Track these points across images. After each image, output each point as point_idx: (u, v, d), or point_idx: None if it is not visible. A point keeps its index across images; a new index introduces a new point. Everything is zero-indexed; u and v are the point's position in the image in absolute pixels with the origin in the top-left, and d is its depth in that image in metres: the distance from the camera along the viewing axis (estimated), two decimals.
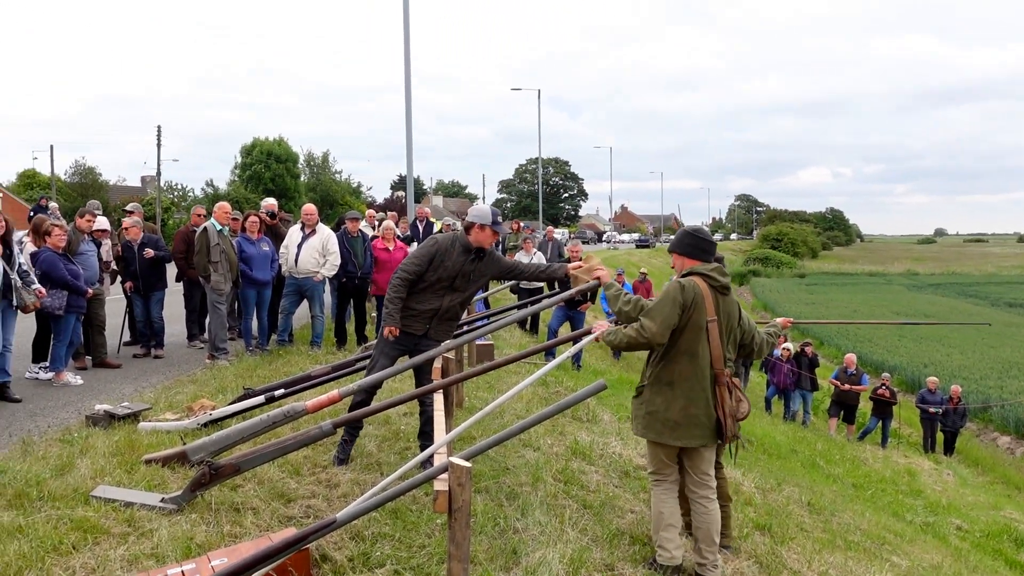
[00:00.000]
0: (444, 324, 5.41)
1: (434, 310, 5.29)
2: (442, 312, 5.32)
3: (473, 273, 5.32)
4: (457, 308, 5.41)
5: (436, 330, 5.37)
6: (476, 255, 5.30)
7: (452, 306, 5.35)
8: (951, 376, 21.63)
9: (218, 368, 8.47)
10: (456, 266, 5.24)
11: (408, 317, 5.30)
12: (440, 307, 5.30)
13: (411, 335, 5.34)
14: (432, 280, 5.25)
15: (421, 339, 5.35)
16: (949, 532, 9.38)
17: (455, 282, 5.28)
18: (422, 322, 5.31)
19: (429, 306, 5.28)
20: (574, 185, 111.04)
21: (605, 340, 4.51)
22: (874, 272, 76.16)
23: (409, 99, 18.33)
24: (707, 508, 4.40)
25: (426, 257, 5.24)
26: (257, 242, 9.65)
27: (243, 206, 35.45)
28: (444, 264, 5.23)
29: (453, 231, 5.56)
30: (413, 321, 5.31)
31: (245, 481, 4.70)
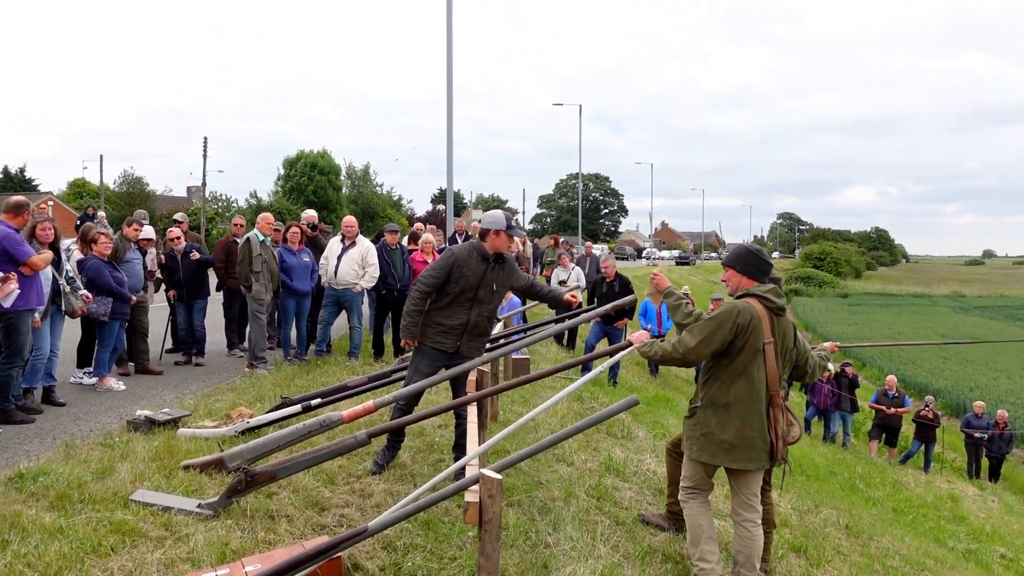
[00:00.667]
0: (475, 341, 5.39)
1: (463, 325, 5.29)
2: (471, 327, 5.31)
3: (496, 282, 5.30)
4: (485, 323, 5.38)
5: (467, 347, 5.36)
6: (495, 262, 5.30)
7: (480, 320, 5.34)
8: (998, 401, 21.14)
9: (257, 377, 8.58)
10: (477, 276, 5.24)
11: (439, 334, 5.30)
12: (468, 321, 5.29)
13: (443, 352, 5.34)
14: (456, 292, 5.25)
15: (453, 356, 5.36)
16: (992, 560, 9.14)
17: (478, 293, 5.26)
18: (453, 338, 5.31)
19: (458, 321, 5.28)
20: (614, 201, 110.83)
21: (640, 351, 4.49)
22: (919, 293, 74.71)
23: (450, 113, 18.48)
24: (751, 533, 4.33)
25: (444, 268, 5.25)
26: (298, 253, 9.78)
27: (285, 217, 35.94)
28: (464, 274, 5.23)
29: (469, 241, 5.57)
30: (444, 337, 5.31)
31: (280, 489, 4.76)
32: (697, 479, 4.42)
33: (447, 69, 18.37)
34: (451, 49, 18.38)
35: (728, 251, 4.63)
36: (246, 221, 11.20)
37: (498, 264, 5.32)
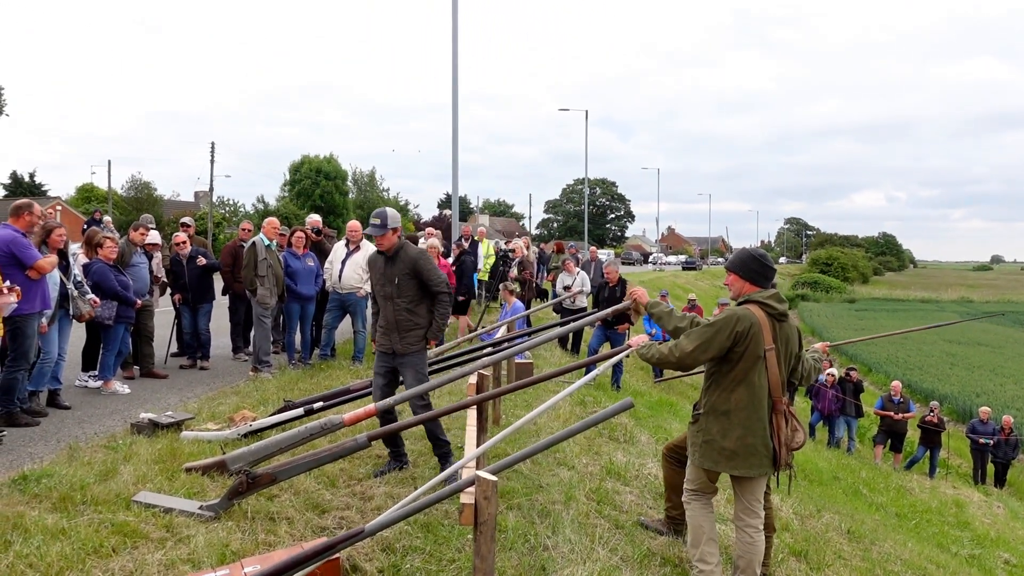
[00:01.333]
0: (407, 336, 5.51)
1: (386, 323, 5.54)
2: (393, 323, 5.50)
3: (398, 275, 5.49)
4: (406, 316, 5.51)
5: (402, 344, 5.50)
6: (390, 257, 5.52)
7: (399, 315, 5.50)
8: (1003, 406, 21.04)
9: (260, 380, 8.63)
10: (379, 272, 5.58)
11: (379, 336, 5.63)
12: (389, 317, 5.52)
13: (384, 353, 5.58)
14: (375, 292, 5.70)
15: (393, 355, 5.54)
16: (996, 566, 9.12)
17: (386, 288, 5.53)
18: (386, 337, 5.55)
19: (384, 320, 5.57)
20: (620, 206, 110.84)
21: (638, 353, 4.50)
22: (927, 299, 74.42)
23: (456, 119, 18.55)
24: (753, 538, 4.34)
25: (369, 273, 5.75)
26: (302, 257, 9.83)
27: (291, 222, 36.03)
28: (373, 274, 5.71)
29: None
30: (381, 338, 5.60)
31: (281, 491, 4.79)
32: (700, 483, 4.43)
33: (452, 75, 18.44)
34: (456, 56, 18.46)
35: (732, 255, 4.63)
36: (253, 226, 11.26)
37: (397, 256, 5.51)
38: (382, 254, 5.57)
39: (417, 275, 5.49)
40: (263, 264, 9.07)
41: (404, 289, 5.48)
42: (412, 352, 5.50)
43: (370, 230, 5.52)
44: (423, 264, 5.51)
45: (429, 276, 5.51)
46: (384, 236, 5.45)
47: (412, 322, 5.49)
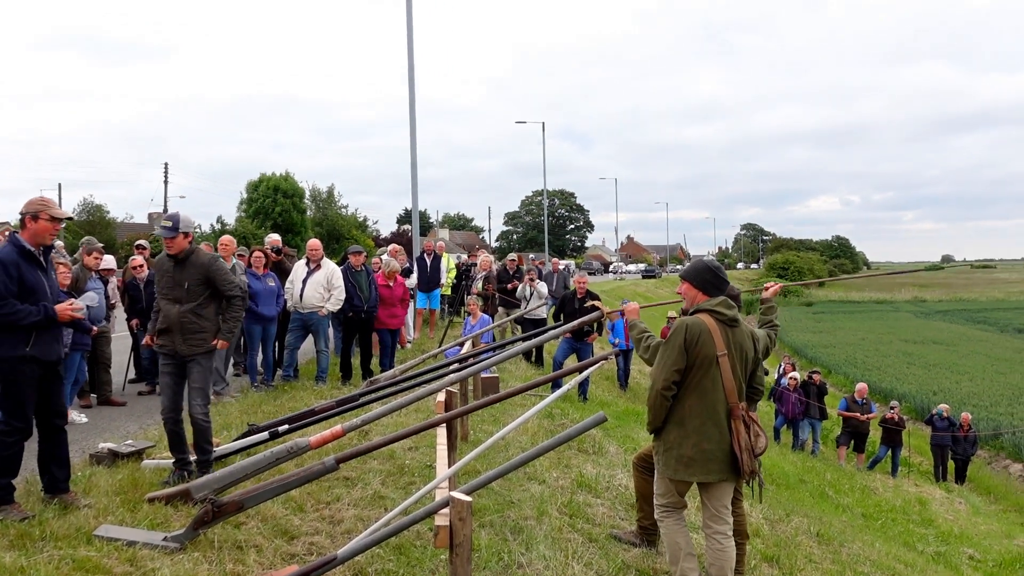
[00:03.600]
0: (190, 338, 5.60)
1: (170, 324, 5.59)
2: (177, 325, 5.57)
3: (188, 281, 5.60)
4: (192, 318, 5.60)
5: (184, 346, 5.59)
6: (179, 261, 5.63)
7: (186, 317, 5.58)
8: (961, 403, 21.50)
9: (223, 404, 8.47)
10: (167, 275, 5.66)
11: (161, 336, 5.67)
12: (173, 319, 5.58)
13: (166, 355, 5.66)
14: (159, 296, 5.74)
15: (175, 356, 5.63)
16: (961, 562, 9.27)
17: (174, 292, 5.61)
18: (168, 338, 5.61)
19: (167, 322, 5.61)
20: (580, 216, 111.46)
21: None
22: (881, 300, 75.84)
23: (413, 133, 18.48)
24: (722, 545, 4.36)
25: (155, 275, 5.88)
26: (262, 277, 9.70)
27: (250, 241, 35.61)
28: (159, 277, 5.77)
29: None
30: (163, 339, 5.65)
31: (248, 518, 4.69)
32: (669, 496, 4.44)
33: (409, 93, 18.39)
34: (412, 71, 18.41)
35: (687, 265, 4.69)
36: (211, 247, 11.08)
37: (187, 261, 5.62)
38: (172, 258, 5.64)
39: (210, 281, 5.67)
40: None
41: (194, 294, 5.63)
42: (197, 354, 5.64)
43: (160, 232, 5.64)
44: (216, 269, 5.71)
45: (222, 281, 5.72)
46: (175, 240, 5.58)
47: (197, 325, 5.63)
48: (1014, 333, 45.30)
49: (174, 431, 5.59)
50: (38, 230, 4.85)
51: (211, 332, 5.71)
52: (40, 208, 4.87)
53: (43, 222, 4.86)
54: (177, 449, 5.62)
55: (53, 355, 4.94)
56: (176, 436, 5.59)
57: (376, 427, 7.02)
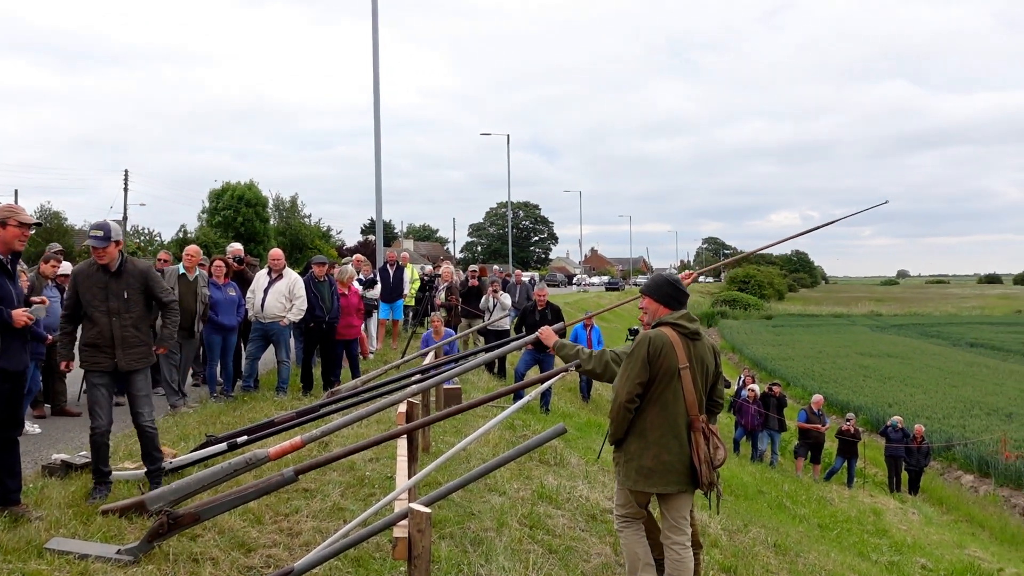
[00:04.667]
0: (131, 351, 5.46)
1: (110, 339, 5.39)
2: (119, 340, 5.40)
3: (127, 291, 5.44)
4: (133, 332, 5.49)
5: (125, 361, 5.44)
6: (115, 272, 5.44)
7: (126, 331, 5.43)
8: (915, 415, 21.91)
9: (180, 415, 8.36)
10: (100, 287, 5.39)
11: (94, 353, 5.40)
12: (113, 334, 5.39)
13: (102, 372, 5.42)
14: (90, 309, 5.40)
15: (115, 373, 5.46)
16: (914, 571, 9.44)
17: (110, 303, 5.40)
18: (107, 354, 5.40)
19: (103, 337, 5.38)
20: (544, 229, 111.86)
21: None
22: (839, 313, 77.10)
23: (378, 143, 18.47)
24: (680, 555, 4.41)
25: (71, 290, 5.46)
26: (223, 287, 9.60)
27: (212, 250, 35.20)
28: (87, 287, 5.40)
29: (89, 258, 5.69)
30: (99, 355, 5.40)
31: (205, 531, 4.64)
32: (629, 507, 4.49)
33: (374, 102, 18.39)
34: (378, 83, 18.42)
35: (648, 280, 4.77)
36: (171, 255, 10.96)
37: (122, 270, 5.46)
38: (103, 268, 5.42)
39: (148, 289, 5.55)
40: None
41: (133, 304, 5.48)
42: (139, 368, 5.52)
43: (91, 242, 5.41)
44: (153, 277, 5.63)
45: (160, 289, 5.65)
46: (107, 249, 5.38)
47: (139, 337, 5.50)
48: (966, 347, 46.31)
49: (106, 445, 5.45)
50: (6, 237, 4.77)
51: (151, 343, 5.64)
52: (8, 215, 4.79)
53: (12, 228, 4.77)
54: (105, 464, 5.48)
55: (20, 365, 4.86)
56: (106, 450, 5.43)
57: (336, 438, 6.98)
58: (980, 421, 23.20)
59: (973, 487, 19.71)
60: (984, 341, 48.20)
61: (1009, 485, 19.07)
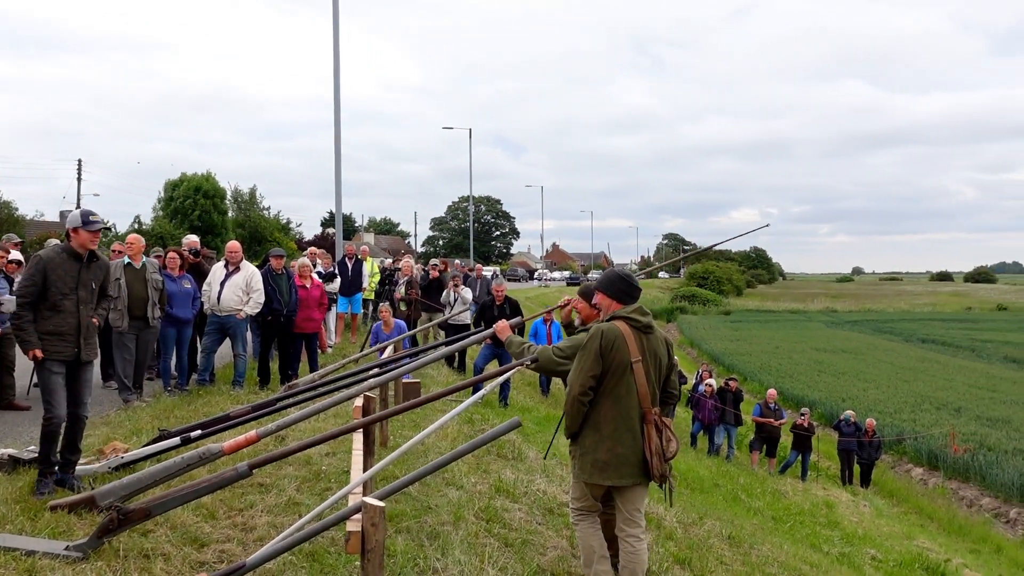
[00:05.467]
0: (90, 342, 5.50)
1: (75, 328, 5.36)
2: (82, 328, 5.39)
3: (93, 280, 5.48)
4: (92, 322, 5.51)
5: (86, 351, 5.46)
6: (88, 260, 5.43)
7: (89, 320, 5.46)
8: (867, 410, 22.31)
9: (133, 409, 8.23)
10: (71, 275, 5.35)
11: (56, 342, 5.32)
12: (78, 322, 5.37)
13: (63, 361, 5.35)
14: (57, 297, 5.30)
15: (75, 362, 5.44)
16: (864, 562, 9.63)
17: (80, 293, 5.37)
18: (70, 343, 5.36)
19: (69, 325, 5.33)
20: (506, 223, 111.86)
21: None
22: (795, 310, 78.27)
23: (338, 136, 18.32)
24: (635, 548, 4.46)
25: (36, 274, 5.31)
26: (179, 279, 9.46)
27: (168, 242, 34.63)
28: (59, 275, 5.30)
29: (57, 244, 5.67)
30: (61, 344, 5.32)
31: (156, 526, 4.57)
32: (584, 500, 4.53)
33: (334, 93, 18.23)
34: (338, 74, 18.26)
35: (601, 276, 4.82)
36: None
37: (92, 262, 5.46)
38: (75, 256, 5.34)
39: (104, 282, 5.65)
40: (114, 285, 8.59)
41: (95, 294, 5.54)
42: (92, 359, 5.58)
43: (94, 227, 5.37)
44: (110, 271, 5.74)
45: (109, 283, 5.79)
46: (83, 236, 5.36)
47: (95, 327, 5.56)
48: (918, 343, 47.34)
49: (58, 435, 5.36)
50: None
51: None
52: None
53: None
54: (55, 455, 5.38)
55: None
56: (56, 439, 5.34)
57: (293, 432, 6.92)
58: (930, 415, 23.72)
59: (923, 480, 20.17)
60: (935, 337, 49.34)
61: (957, 478, 19.53)
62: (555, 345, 4.88)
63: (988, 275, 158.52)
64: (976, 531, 15.67)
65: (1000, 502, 17.82)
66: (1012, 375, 33.19)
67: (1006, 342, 45.54)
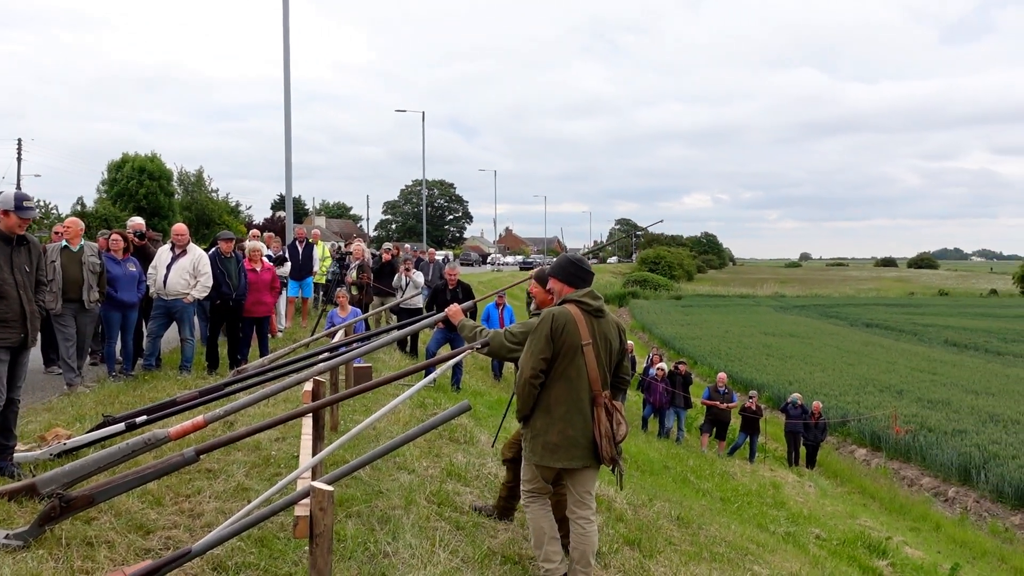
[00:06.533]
0: (35, 326, 5.42)
1: (20, 313, 5.26)
2: (26, 313, 5.30)
3: (26, 263, 5.36)
4: (36, 306, 5.43)
5: (33, 335, 5.39)
6: (17, 243, 5.31)
7: (32, 304, 5.37)
8: (813, 393, 22.79)
9: (76, 395, 8.05)
10: (5, 257, 5.24)
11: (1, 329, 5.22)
12: (21, 308, 5.26)
13: (8, 348, 5.26)
14: None
15: (21, 348, 5.36)
16: (809, 541, 9.86)
17: (16, 276, 5.27)
18: (15, 330, 5.25)
19: (12, 311, 5.22)
20: (459, 207, 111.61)
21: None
22: (745, 295, 79.56)
23: (288, 117, 18.06)
24: (585, 529, 4.51)
25: None
26: (122, 262, 9.25)
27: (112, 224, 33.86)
28: None
29: None
30: (6, 330, 5.23)
31: (100, 513, 4.48)
32: (535, 482, 4.56)
33: (284, 75, 17.96)
34: (288, 52, 17.97)
35: (554, 261, 4.85)
36: None
37: (21, 245, 5.34)
38: (4, 239, 5.20)
39: (38, 264, 5.49)
40: (49, 267, 8.37)
41: (31, 278, 5.40)
42: (35, 343, 5.48)
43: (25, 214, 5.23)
44: (40, 253, 5.54)
45: (45, 266, 5.62)
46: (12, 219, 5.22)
47: (39, 313, 5.47)
48: (862, 327, 48.50)
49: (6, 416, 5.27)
50: None
51: None
52: None
53: None
54: (5, 437, 5.30)
55: None
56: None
57: (242, 418, 6.84)
58: (873, 398, 24.32)
59: (866, 460, 20.70)
60: (879, 322, 50.61)
61: (898, 458, 20.10)
62: (506, 329, 4.89)
63: (930, 261, 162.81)
64: (916, 510, 16.16)
65: (939, 481, 18.40)
66: (952, 358, 34.19)
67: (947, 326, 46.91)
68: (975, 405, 23.03)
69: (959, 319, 52.05)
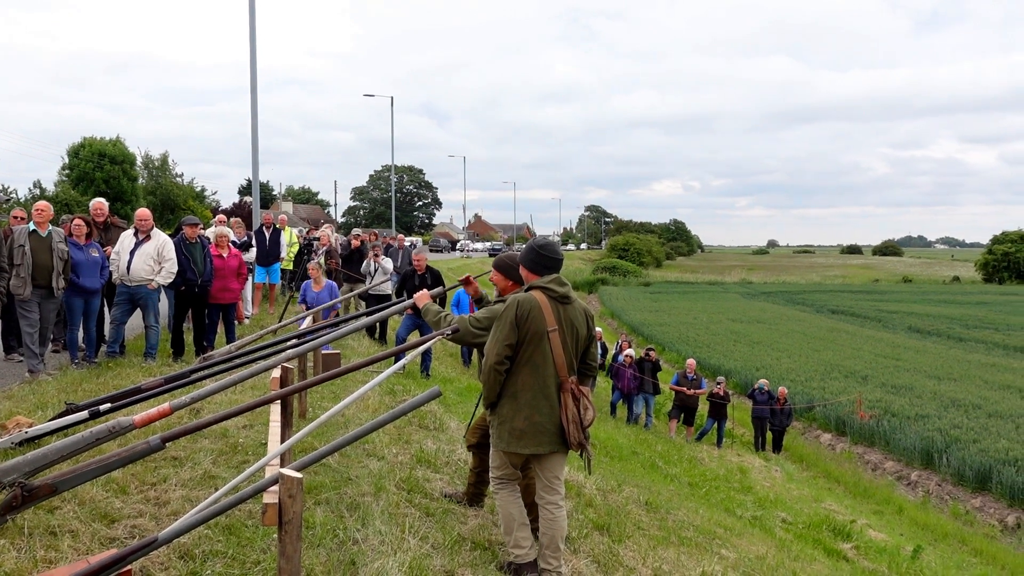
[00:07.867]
0: None
1: None
2: None
3: None
4: None
5: None
6: None
7: None
8: (780, 378, 23.05)
9: (39, 383, 7.90)
10: None
11: None
12: None
13: None
14: None
15: None
16: (775, 525, 9.99)
17: None
18: None
19: None
20: (428, 193, 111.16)
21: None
22: (713, 281, 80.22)
23: (255, 99, 17.82)
24: (554, 515, 4.52)
25: None
26: (85, 248, 9.08)
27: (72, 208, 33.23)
28: None
29: None
30: None
31: (64, 502, 4.41)
32: (504, 468, 4.57)
33: (251, 56, 17.71)
34: (254, 33, 17.72)
35: (522, 249, 4.84)
36: (26, 214, 10.24)
37: None
38: None
39: None
40: (18, 252, 8.22)
41: None
42: None
43: None
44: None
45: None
46: None
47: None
48: (828, 314, 49.10)
49: None
50: None
51: None
52: None
53: None
54: None
55: None
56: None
57: (209, 405, 6.76)
58: (838, 383, 24.66)
59: (831, 445, 21.01)
60: (844, 308, 51.25)
61: (863, 443, 20.42)
62: (472, 315, 4.88)
63: (895, 248, 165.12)
64: (880, 493, 16.45)
65: (902, 465, 18.73)
66: (915, 344, 34.76)
67: (910, 313, 47.66)
68: (937, 390, 23.45)
69: (922, 306, 52.90)
